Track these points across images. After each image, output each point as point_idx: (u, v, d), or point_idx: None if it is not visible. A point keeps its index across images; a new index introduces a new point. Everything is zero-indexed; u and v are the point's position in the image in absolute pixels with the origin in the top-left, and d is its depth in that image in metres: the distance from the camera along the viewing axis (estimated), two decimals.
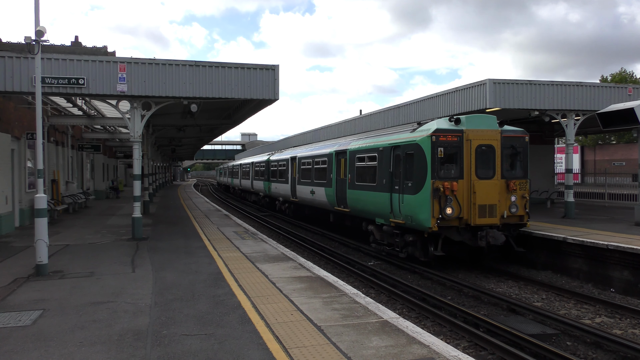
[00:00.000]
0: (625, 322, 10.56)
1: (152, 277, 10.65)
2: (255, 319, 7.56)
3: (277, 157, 31.95)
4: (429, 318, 10.68)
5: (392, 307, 11.36)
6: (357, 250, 19.03)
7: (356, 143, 19.00)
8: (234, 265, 11.80)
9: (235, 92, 16.04)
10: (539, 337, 9.28)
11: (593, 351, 8.89)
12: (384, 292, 12.80)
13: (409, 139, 14.71)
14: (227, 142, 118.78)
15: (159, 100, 16.03)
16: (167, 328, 7.27)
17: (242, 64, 16.14)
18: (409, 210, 14.38)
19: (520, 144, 14.58)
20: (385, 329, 7.04)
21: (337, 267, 15.83)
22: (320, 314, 7.74)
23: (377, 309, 8.03)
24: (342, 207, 19.83)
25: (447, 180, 13.65)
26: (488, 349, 8.84)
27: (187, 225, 20.51)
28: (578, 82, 19.00)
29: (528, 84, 17.93)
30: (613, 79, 57.20)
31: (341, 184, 19.77)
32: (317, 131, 39.02)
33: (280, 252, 13.75)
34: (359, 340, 6.56)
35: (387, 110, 26.35)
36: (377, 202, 16.40)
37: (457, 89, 19.16)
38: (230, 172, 57.26)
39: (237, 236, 16.90)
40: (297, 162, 26.19)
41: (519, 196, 14.29)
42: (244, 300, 8.63)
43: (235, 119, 25.67)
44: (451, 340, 9.36)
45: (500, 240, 13.79)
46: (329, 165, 21.30)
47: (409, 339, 6.59)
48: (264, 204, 37.21)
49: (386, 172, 15.81)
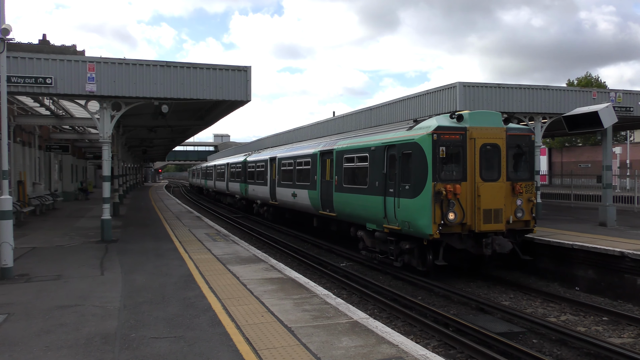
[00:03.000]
0: (589, 320, 10.85)
1: (122, 280, 10.51)
2: (225, 321, 7.53)
3: (255, 157, 30.69)
4: (399, 318, 10.79)
5: (364, 308, 11.43)
6: (329, 251, 19.09)
7: (344, 142, 17.86)
8: (205, 267, 11.72)
9: (207, 93, 15.94)
10: (507, 335, 9.47)
11: (558, 348, 9.12)
12: (355, 293, 12.88)
13: (406, 137, 13.57)
14: (200, 143, 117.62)
15: (129, 100, 15.83)
16: (136, 331, 7.19)
17: (214, 65, 16.06)
18: (406, 216, 13.24)
19: (526, 143, 13.61)
20: (355, 329, 7.11)
21: (310, 269, 15.86)
22: (291, 315, 7.76)
23: (348, 309, 8.10)
24: (327, 211, 18.62)
25: (450, 183, 12.52)
26: (457, 348, 8.99)
27: (158, 227, 20.28)
28: (545, 85, 19.45)
29: (497, 87, 18.28)
30: (579, 82, 58.68)
31: (327, 187, 18.61)
32: (292, 132, 38.96)
33: (252, 253, 13.72)
34: (329, 341, 6.60)
35: (360, 112, 26.52)
36: (368, 206, 15.29)
37: (428, 92, 19.41)
38: (203, 173, 56.31)
39: (209, 238, 16.79)
40: (277, 163, 25.04)
41: (525, 200, 13.29)
42: (214, 302, 8.59)
43: (207, 120, 25.47)
44: (421, 339, 9.48)
45: (507, 248, 12.83)
46: (312, 167, 20.07)
47: (378, 339, 6.66)
48: (240, 206, 35.91)
49: (379, 173, 14.72)
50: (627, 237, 14.90)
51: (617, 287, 12.52)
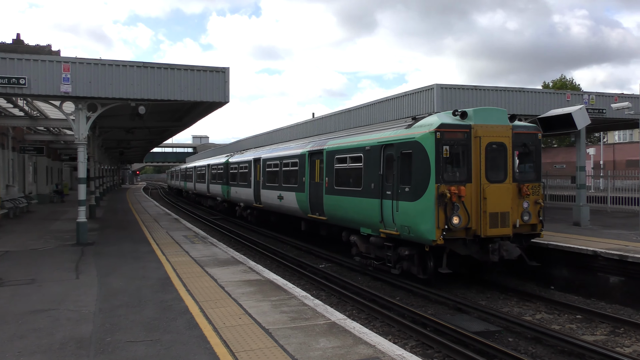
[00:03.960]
0: (564, 318, 11.04)
1: (97, 283, 10.38)
2: (202, 324, 7.49)
3: (238, 158, 29.64)
4: (378, 319, 10.85)
5: (342, 309, 11.49)
6: (308, 253, 19.09)
7: (334, 142, 16.94)
8: (182, 269, 11.63)
9: (184, 95, 15.83)
10: (483, 334, 9.58)
11: (533, 346, 9.26)
12: (334, 294, 12.91)
13: (406, 135, 12.73)
14: (178, 145, 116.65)
15: (105, 101, 15.64)
16: (112, 335, 7.10)
17: (191, 66, 15.96)
18: (406, 220, 12.41)
19: (533, 142, 12.92)
20: (333, 330, 7.13)
21: (289, 270, 15.86)
22: (269, 317, 7.75)
23: (326, 310, 8.12)
24: (317, 214, 17.62)
25: (454, 185, 11.71)
26: (435, 348, 9.07)
27: (135, 229, 20.05)
28: (520, 88, 19.74)
29: (474, 89, 18.50)
30: (554, 85, 59.70)
31: (316, 189, 17.67)
32: (272, 134, 38.83)
33: (230, 255, 13.65)
34: (307, 342, 6.61)
35: (338, 114, 26.59)
36: (362, 209, 14.41)
37: (406, 94, 19.55)
38: (183, 175, 55.38)
39: (187, 240, 16.66)
40: (262, 164, 24.04)
41: (532, 202, 12.55)
42: (191, 305, 8.53)
43: (185, 122, 25.29)
44: (399, 339, 9.55)
45: (515, 254, 12.09)
46: (300, 168, 19.07)
47: (355, 340, 6.69)
48: (222, 209, 34.87)
49: (375, 174, 13.87)
50: (600, 237, 15.20)
51: (591, 286, 12.77)
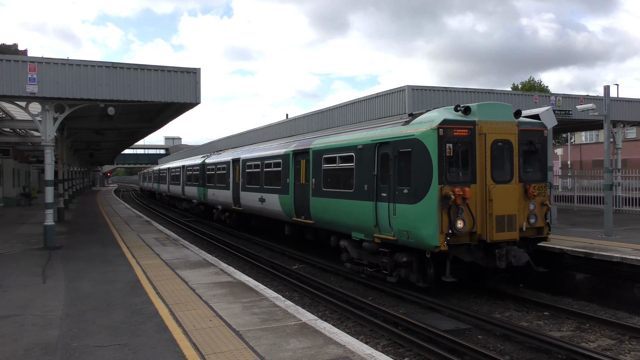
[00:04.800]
0: (532, 315, 11.25)
1: (65, 288, 10.19)
2: (172, 327, 7.42)
3: (215, 159, 28.42)
4: (350, 319, 10.89)
5: (315, 310, 11.51)
6: (282, 254, 19.06)
7: (322, 141, 15.93)
8: (153, 272, 11.50)
9: (155, 95, 15.66)
10: (453, 332, 9.71)
11: (502, 343, 9.41)
12: (307, 295, 12.91)
13: (404, 133, 11.88)
14: (151, 146, 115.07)
15: (73, 102, 15.36)
16: (79, 340, 6.98)
17: (162, 67, 15.80)
18: (404, 224, 11.55)
19: (539, 139, 12.21)
20: (304, 331, 7.14)
21: (262, 272, 15.81)
22: (240, 319, 7.72)
23: (297, 311, 8.12)
24: (302, 218, 16.58)
25: (458, 185, 10.95)
26: (406, 346, 9.15)
27: (105, 232, 19.73)
28: (490, 89, 20.10)
29: (444, 91, 18.76)
30: (523, 87, 60.80)
31: (302, 191, 16.64)
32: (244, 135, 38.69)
33: (202, 258, 13.55)
34: (277, 343, 6.61)
35: (313, 114, 26.65)
36: (355, 212, 13.50)
37: (378, 95, 19.72)
38: (156, 176, 54.10)
39: (158, 243, 16.47)
40: (242, 165, 22.87)
41: (539, 203, 11.87)
42: (161, 308, 8.44)
43: (156, 123, 25.02)
44: (371, 339, 9.60)
45: (524, 260, 11.32)
46: (284, 168, 18.01)
47: (326, 340, 6.72)
48: (198, 212, 33.40)
49: (368, 175, 12.97)
50: (567, 235, 15.55)
51: (558, 283, 13.05)
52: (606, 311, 11.31)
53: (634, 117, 24.33)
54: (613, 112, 21.19)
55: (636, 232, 16.14)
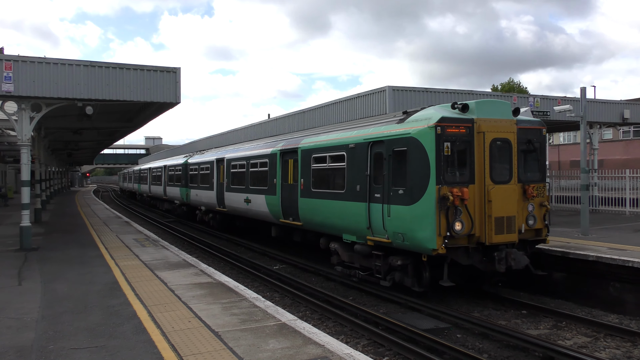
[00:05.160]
0: (510, 313, 11.38)
1: (41, 290, 10.04)
2: (150, 328, 7.35)
3: (198, 159, 27.85)
4: (330, 319, 10.90)
5: (296, 310, 11.50)
6: (263, 254, 19.01)
7: (311, 140, 15.36)
8: (131, 273, 11.38)
9: (134, 95, 15.51)
10: (433, 331, 9.78)
11: (480, 341, 9.51)
12: (288, 295, 12.90)
13: (399, 131, 11.43)
14: (130, 146, 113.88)
15: (50, 101, 15.14)
16: (55, 342, 6.88)
17: (141, 66, 15.65)
18: (400, 226, 11.12)
19: (538, 138, 11.86)
20: (283, 331, 7.14)
21: (243, 272, 15.75)
22: (219, 320, 7.69)
23: (276, 312, 8.12)
24: (290, 219, 16.13)
25: (456, 186, 10.53)
26: (386, 346, 9.19)
27: (83, 233, 19.47)
28: (469, 90, 20.29)
29: (424, 92, 18.88)
30: (503, 88, 61.54)
31: (290, 191, 16.14)
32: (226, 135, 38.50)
33: (181, 258, 13.46)
34: (256, 344, 6.59)
35: (295, 114, 26.64)
36: (346, 214, 13.06)
37: (359, 95, 19.78)
38: (137, 177, 53.20)
39: (137, 244, 16.32)
40: (226, 165, 22.29)
41: (537, 204, 11.54)
42: (140, 310, 8.36)
43: (136, 122, 24.78)
44: (352, 339, 9.62)
45: (524, 263, 10.95)
46: (271, 168, 17.47)
47: (305, 340, 6.72)
48: (180, 213, 32.58)
49: (361, 175, 12.50)
50: None
51: (536, 282, 13.21)
52: (582, 309, 11.49)
53: (610, 118, 24.78)
54: (590, 113, 21.58)
55: (612, 231, 16.43)
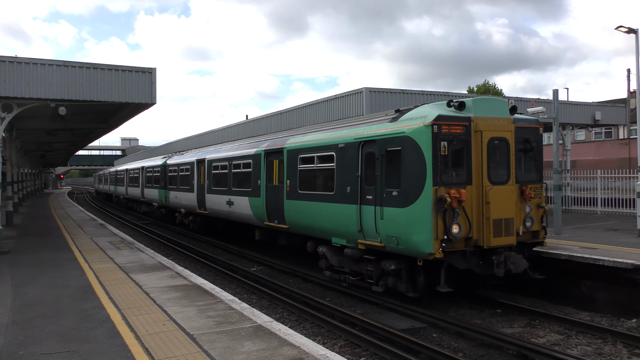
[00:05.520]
0: (485, 312, 11.51)
1: (12, 294, 9.83)
2: (124, 332, 7.26)
3: (178, 160, 27.14)
4: (308, 320, 10.90)
5: (273, 311, 11.47)
6: (240, 256, 18.92)
7: (298, 139, 14.85)
8: (105, 276, 11.23)
9: (109, 95, 15.30)
10: (409, 331, 9.84)
11: (455, 340, 9.60)
12: (265, 297, 12.86)
13: (392, 130, 10.99)
14: (106, 147, 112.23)
15: (21, 101, 14.85)
16: (25, 348, 6.75)
17: (116, 66, 15.46)
18: (394, 229, 10.69)
19: (535, 137, 11.64)
20: (259, 333, 7.12)
21: (220, 275, 15.65)
22: (194, 322, 7.64)
23: (252, 313, 8.09)
24: (276, 222, 15.58)
25: (453, 187, 10.14)
26: (362, 346, 9.22)
27: (57, 236, 19.14)
28: (445, 92, 20.48)
29: (401, 93, 19.00)
30: (478, 89, 62.29)
31: (275, 193, 15.61)
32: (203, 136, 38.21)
33: (157, 261, 13.33)
34: (231, 346, 6.56)
35: (271, 115, 26.58)
36: (335, 217, 12.61)
37: (336, 96, 19.82)
38: (113, 178, 52.20)
39: (112, 246, 16.10)
40: (207, 166, 21.65)
41: (535, 206, 11.29)
42: (113, 313, 8.26)
43: (111, 123, 24.44)
44: (329, 340, 9.63)
45: (523, 267, 10.67)
46: (255, 169, 16.93)
47: (280, 342, 6.71)
48: (159, 216, 31.78)
49: (351, 176, 12.06)
50: None
51: (510, 281, 13.38)
52: (555, 307, 11.67)
53: (582, 119, 25.26)
54: (562, 115, 21.95)
55: (584, 230, 16.76)
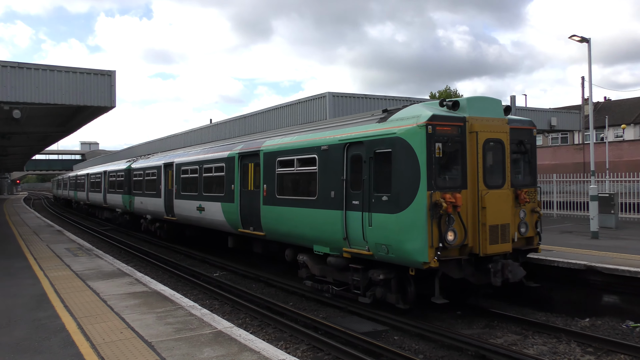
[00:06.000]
0: (446, 314, 11.66)
1: None
2: (79, 341, 7.08)
3: (143, 164, 25.86)
4: (270, 325, 10.85)
5: (236, 317, 11.40)
6: (203, 262, 18.70)
7: (275, 141, 14.06)
8: (61, 285, 10.92)
9: (66, 98, 14.92)
10: (371, 334, 9.91)
11: (416, 343, 9.70)
12: (228, 302, 12.73)
13: (382, 131, 10.32)
14: (65, 152, 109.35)
15: None
16: None
17: (74, 68, 15.09)
18: (383, 237, 10.04)
19: (529, 139, 11.12)
20: (219, 339, 7.04)
21: (182, 280, 15.43)
22: (153, 330, 7.50)
23: (213, 319, 8.00)
24: (251, 229, 14.78)
25: (449, 191, 9.53)
26: (325, 350, 9.22)
27: (10, 243, 18.52)
28: (408, 97, 20.80)
29: (364, 98, 19.19)
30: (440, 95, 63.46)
31: (250, 198, 14.81)
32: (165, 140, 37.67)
33: (116, 267, 13.05)
34: (190, 353, 6.47)
35: (235, 119, 26.43)
36: (318, 223, 11.89)
37: (300, 101, 19.87)
38: (73, 183, 50.27)
39: (69, 253, 15.68)
40: (176, 170, 20.58)
41: (529, 210, 10.70)
42: (69, 322, 8.03)
43: (70, 127, 23.79)
44: (291, 344, 9.61)
45: (520, 275, 10.08)
46: (228, 173, 16.09)
47: (240, 347, 6.65)
48: (123, 222, 30.48)
49: (335, 180, 11.36)
50: None
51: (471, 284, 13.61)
52: (513, 308, 11.92)
53: (539, 125, 25.93)
54: None
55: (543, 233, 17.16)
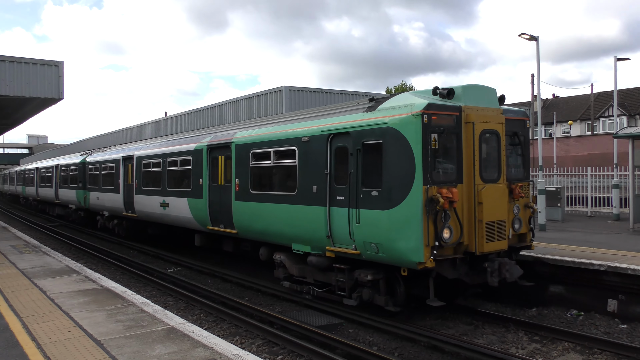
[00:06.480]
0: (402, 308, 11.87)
1: None
2: (24, 341, 6.84)
3: (100, 157, 24.27)
4: (226, 320, 10.78)
5: (191, 313, 11.28)
6: (157, 258, 18.37)
7: (249, 132, 13.19)
8: (6, 283, 10.53)
9: (11, 89, 14.35)
10: (326, 327, 9.95)
11: (371, 335, 9.82)
12: (182, 298, 12.57)
13: (371, 121, 9.57)
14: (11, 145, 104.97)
15: None
16: None
17: (19, 58, 14.52)
18: (373, 235, 9.35)
19: (523, 131, 10.55)
20: (171, 335, 6.94)
21: (135, 277, 15.14)
22: (102, 328, 7.33)
23: (165, 316, 7.89)
24: (221, 226, 13.86)
25: (444, 186, 8.87)
26: (280, 344, 9.23)
27: None
28: (363, 92, 20.91)
29: (320, 92, 19.22)
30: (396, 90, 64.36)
31: (220, 194, 13.92)
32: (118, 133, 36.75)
33: (65, 265, 12.66)
34: (141, 350, 6.35)
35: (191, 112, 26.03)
36: (298, 220, 11.17)
37: (256, 95, 19.74)
38: (21, 178, 47.78)
39: (15, 250, 15.11)
40: (136, 164, 19.37)
41: (522, 206, 10.14)
42: (13, 322, 7.75)
43: (15, 119, 22.88)
44: (246, 339, 9.58)
45: (517, 275, 9.58)
46: (195, 167, 15.09)
47: (193, 343, 6.58)
48: (76, 219, 28.81)
49: (318, 174, 10.62)
50: None
51: None
52: (465, 300, 12.21)
53: None
54: None
55: None
